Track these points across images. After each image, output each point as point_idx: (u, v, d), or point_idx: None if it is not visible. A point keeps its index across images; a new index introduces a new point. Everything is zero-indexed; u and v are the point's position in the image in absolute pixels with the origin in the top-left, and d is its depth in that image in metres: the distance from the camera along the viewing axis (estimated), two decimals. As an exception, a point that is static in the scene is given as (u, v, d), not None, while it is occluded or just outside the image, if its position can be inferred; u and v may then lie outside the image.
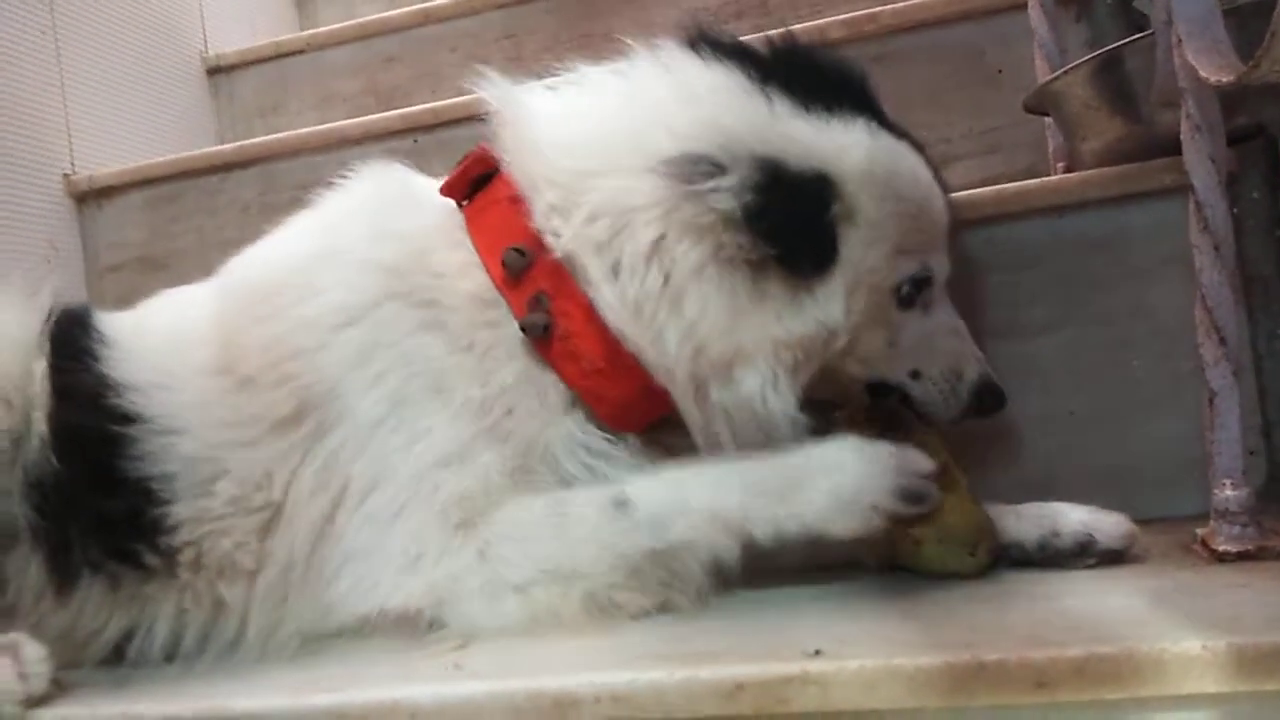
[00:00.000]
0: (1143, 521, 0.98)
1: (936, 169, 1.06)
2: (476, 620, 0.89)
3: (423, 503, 0.92)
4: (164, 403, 0.99)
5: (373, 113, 2.38)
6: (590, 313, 0.95)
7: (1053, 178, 1.28)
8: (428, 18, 2.42)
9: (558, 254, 0.95)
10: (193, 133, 2.46)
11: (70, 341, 1.04)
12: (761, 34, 1.11)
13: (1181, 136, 0.95)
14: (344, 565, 0.94)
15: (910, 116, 1.66)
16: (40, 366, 1.02)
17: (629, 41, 1.06)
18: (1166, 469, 1.13)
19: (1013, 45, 1.60)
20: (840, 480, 0.87)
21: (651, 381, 0.96)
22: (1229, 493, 0.92)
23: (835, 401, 1.05)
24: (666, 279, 0.93)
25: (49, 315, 1.07)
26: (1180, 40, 0.91)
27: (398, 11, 2.49)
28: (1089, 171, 1.19)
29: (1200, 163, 0.94)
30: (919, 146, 1.05)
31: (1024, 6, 1.54)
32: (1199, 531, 0.96)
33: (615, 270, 0.94)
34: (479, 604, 0.89)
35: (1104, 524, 0.94)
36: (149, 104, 2.33)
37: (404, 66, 2.45)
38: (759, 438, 0.95)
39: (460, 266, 0.98)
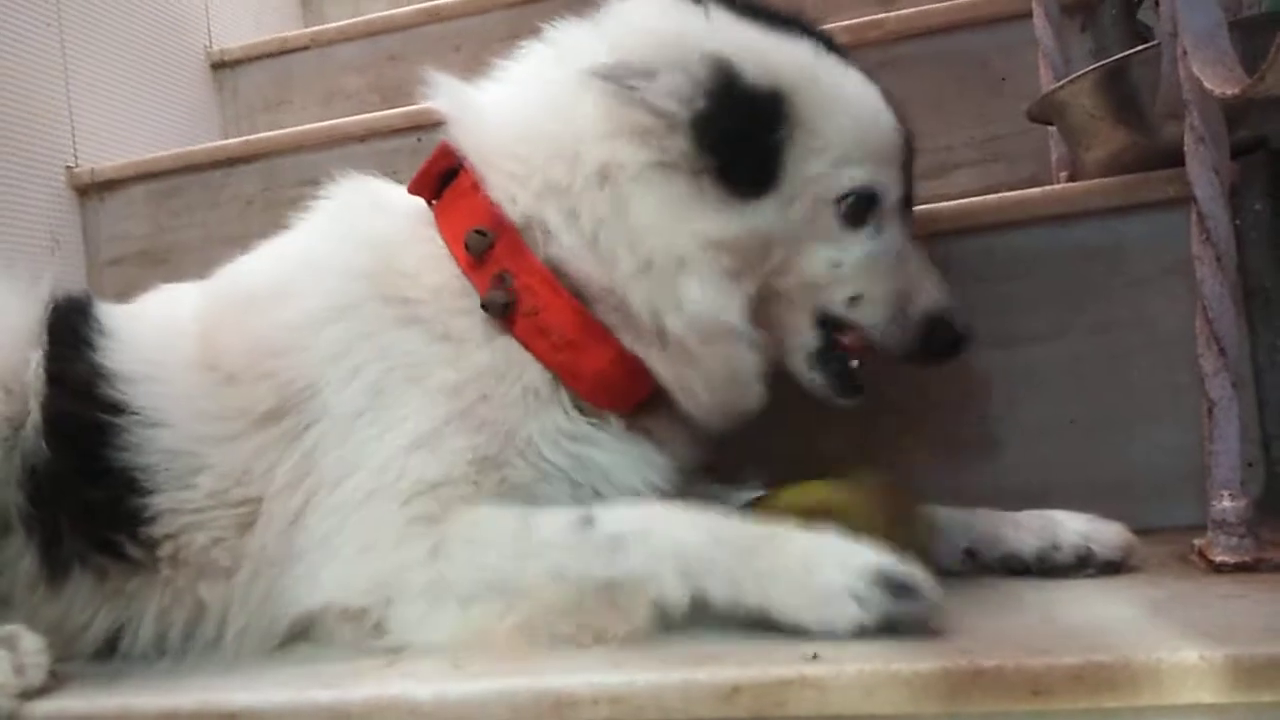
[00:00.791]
0: (1140, 531, 0.98)
1: (891, 98, 1.05)
2: (414, 627, 0.87)
3: (386, 491, 0.92)
4: (151, 394, 1.00)
5: (377, 110, 2.38)
6: (553, 283, 0.95)
7: (1055, 186, 1.28)
8: (433, 16, 2.42)
9: (517, 223, 0.96)
10: (196, 127, 2.46)
11: (69, 329, 1.05)
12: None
13: (1185, 148, 0.96)
14: (301, 557, 0.93)
15: (915, 123, 1.66)
16: (37, 355, 1.02)
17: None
18: (1164, 479, 1.14)
19: (1017, 53, 1.61)
20: (816, 557, 0.81)
21: (624, 349, 0.96)
22: (1227, 504, 0.93)
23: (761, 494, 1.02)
24: (615, 196, 0.94)
25: (49, 304, 1.07)
26: (1186, 52, 0.91)
27: (403, 9, 2.50)
28: (1091, 181, 1.19)
29: (1203, 174, 0.94)
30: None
31: (1028, 15, 1.55)
32: (1196, 542, 0.97)
33: (573, 212, 0.95)
34: (420, 607, 0.88)
35: (1103, 535, 0.94)
36: (153, 98, 2.33)
37: (409, 64, 2.45)
38: (727, 377, 0.96)
39: (429, 260, 0.99)
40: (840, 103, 0.97)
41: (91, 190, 2.02)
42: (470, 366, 0.95)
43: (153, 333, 1.04)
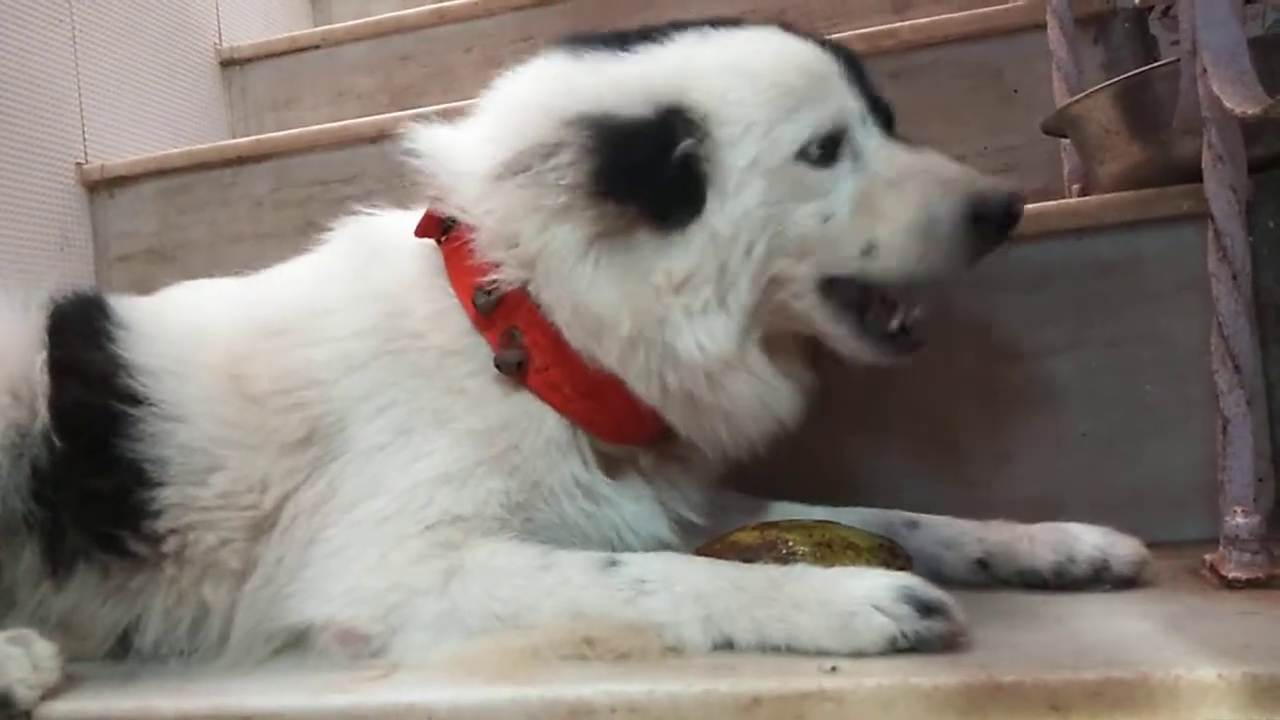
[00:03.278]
0: (1152, 544, 0.98)
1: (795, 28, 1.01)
2: (415, 651, 0.87)
3: (412, 514, 0.92)
4: (171, 389, 1.00)
5: (386, 110, 2.39)
6: (558, 340, 0.94)
7: (1071, 200, 1.29)
8: (443, 18, 2.43)
9: (516, 283, 0.95)
10: (205, 125, 2.46)
11: (79, 323, 1.06)
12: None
13: (1203, 165, 0.96)
14: (313, 565, 0.93)
15: (927, 132, 1.66)
16: (41, 355, 1.03)
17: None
18: (1175, 492, 1.14)
19: (1030, 65, 1.61)
20: (840, 584, 0.81)
21: (635, 397, 0.95)
22: (1240, 520, 0.93)
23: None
24: (572, 282, 0.92)
25: (51, 304, 1.08)
26: (1205, 71, 0.92)
27: (413, 10, 2.50)
28: (1107, 195, 1.20)
29: (1221, 192, 0.94)
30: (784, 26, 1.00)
31: (1042, 27, 1.55)
32: (1209, 557, 0.97)
33: (553, 294, 0.94)
34: (425, 636, 0.87)
35: (1119, 549, 0.95)
36: (162, 95, 2.33)
37: (418, 65, 2.46)
38: (747, 408, 0.94)
39: (437, 318, 0.98)
40: (737, 76, 0.93)
41: (101, 186, 2.02)
42: (495, 416, 0.95)
43: (175, 330, 1.05)
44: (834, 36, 1.71)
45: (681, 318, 0.91)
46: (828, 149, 0.93)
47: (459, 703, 0.77)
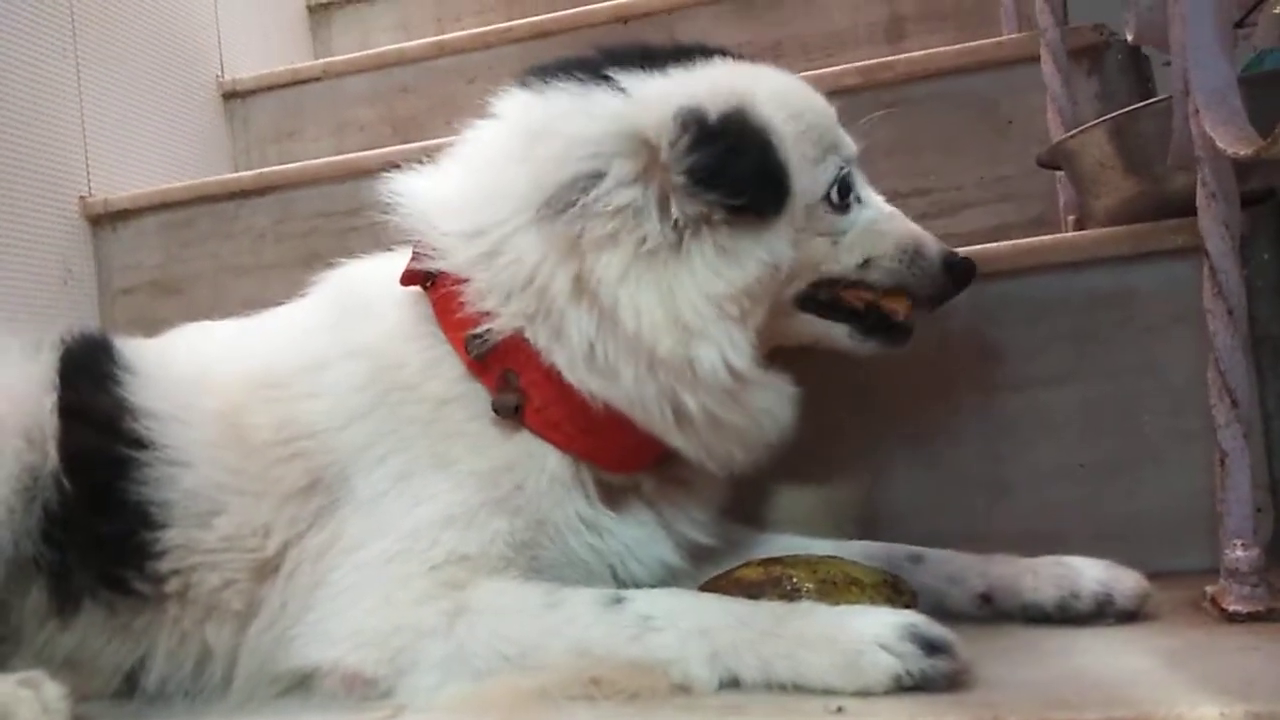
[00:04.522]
0: (1152, 575, 0.99)
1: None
2: (424, 694, 0.87)
3: (416, 555, 0.92)
4: (176, 435, 1.01)
5: (389, 141, 2.42)
6: (557, 380, 0.95)
7: (1066, 234, 1.30)
8: (443, 50, 2.45)
9: (506, 330, 0.96)
10: (207, 157, 2.48)
11: (88, 366, 1.07)
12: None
13: (1197, 203, 0.98)
14: (317, 608, 0.94)
15: (923, 162, 1.68)
16: (51, 398, 1.04)
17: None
18: (1173, 524, 1.15)
19: (1025, 96, 1.63)
20: (846, 622, 0.82)
21: (637, 427, 0.96)
22: (1239, 553, 0.94)
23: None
24: (599, 309, 0.93)
25: (61, 345, 1.09)
26: (1198, 111, 0.93)
27: (414, 43, 2.53)
28: (1102, 230, 1.21)
29: (1215, 229, 0.96)
30: None
31: (1036, 59, 1.58)
32: (1209, 589, 0.98)
33: (558, 332, 0.94)
34: (432, 678, 0.87)
35: (1122, 583, 0.96)
36: (165, 127, 2.35)
37: (420, 97, 2.48)
38: (757, 423, 0.97)
39: (429, 369, 0.99)
40: (786, 107, 0.98)
41: (105, 220, 2.04)
42: (497, 458, 0.96)
43: (179, 375, 1.06)
44: (831, 70, 1.76)
45: (715, 329, 0.92)
46: (843, 194, 1.02)
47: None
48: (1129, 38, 1.28)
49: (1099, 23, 1.68)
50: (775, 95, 0.99)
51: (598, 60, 1.01)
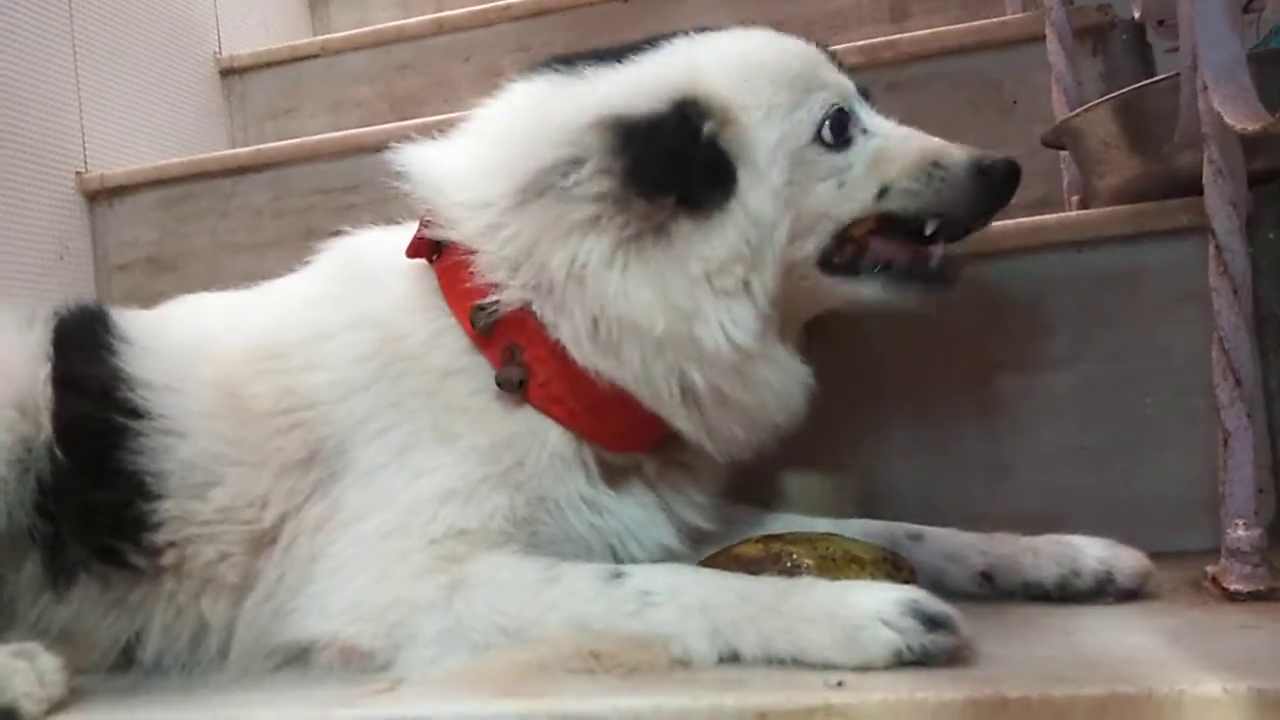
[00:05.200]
0: (1153, 555, 0.99)
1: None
2: (420, 667, 0.86)
3: (416, 529, 0.92)
4: (172, 405, 1.00)
5: (386, 119, 2.39)
6: (562, 355, 0.95)
7: (1071, 213, 1.30)
8: (441, 27, 2.43)
9: (516, 302, 0.95)
10: (205, 133, 2.46)
11: (82, 337, 1.06)
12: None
13: (1204, 180, 0.97)
14: (315, 581, 0.93)
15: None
16: (45, 369, 1.03)
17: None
18: (1175, 504, 1.15)
19: (1028, 76, 1.62)
20: (847, 597, 0.81)
21: (640, 406, 0.95)
22: (1241, 533, 0.94)
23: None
24: (598, 292, 0.92)
25: (54, 316, 1.09)
26: (1206, 87, 0.92)
27: (412, 20, 2.51)
28: (1107, 209, 1.20)
29: (1221, 207, 0.95)
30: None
31: (1040, 39, 1.57)
32: (1210, 569, 0.97)
33: (561, 308, 0.94)
34: (429, 651, 0.87)
35: (1123, 561, 0.95)
36: (162, 104, 2.33)
37: (418, 75, 2.46)
38: (755, 404, 0.95)
39: (434, 340, 0.98)
40: (747, 67, 0.97)
41: (101, 196, 2.03)
42: (499, 432, 0.95)
43: (176, 345, 1.05)
44: (832, 48, 1.75)
45: (710, 307, 0.91)
46: (839, 130, 0.97)
47: (464, 716, 0.77)
48: (1135, 14, 1.26)
49: (1103, 3, 1.67)
50: (728, 60, 0.97)
51: (587, 55, 1.01)
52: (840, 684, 0.73)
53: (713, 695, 0.74)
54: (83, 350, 1.04)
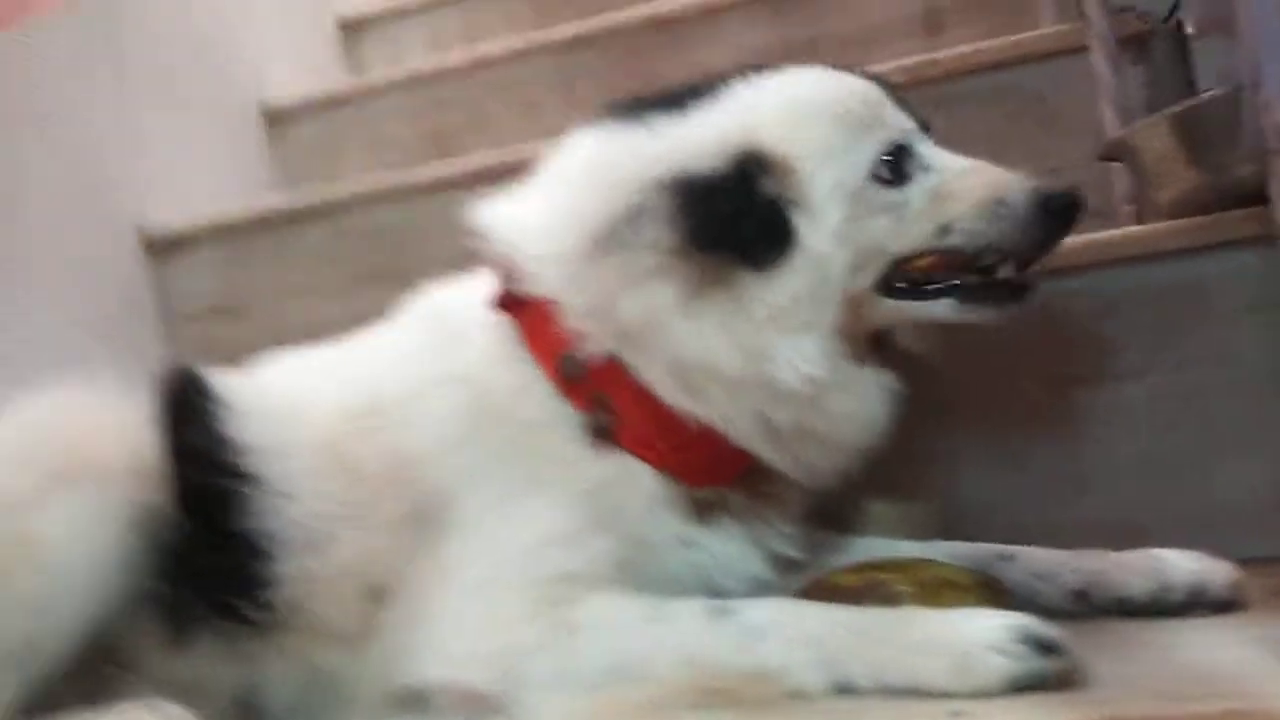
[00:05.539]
0: (1235, 561, 1.00)
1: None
2: (536, 709, 0.89)
3: (522, 575, 0.95)
4: (280, 468, 1.04)
5: (426, 156, 2.45)
6: (648, 398, 0.97)
7: (1133, 228, 1.32)
8: (479, 64, 2.48)
9: (600, 352, 0.98)
10: (250, 180, 2.52)
11: (186, 404, 1.10)
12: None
13: (1270, 194, 0.99)
14: (429, 628, 0.96)
15: (972, 158, 1.69)
16: (155, 437, 1.07)
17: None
18: (1252, 512, 1.16)
19: (1068, 87, 1.64)
20: (956, 626, 0.83)
21: (726, 441, 0.98)
22: (1326, 538, 0.96)
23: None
24: (673, 339, 0.95)
25: (158, 382, 1.12)
26: (1269, 105, 0.94)
27: (450, 57, 2.56)
28: (1172, 222, 1.22)
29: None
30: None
31: (1080, 50, 1.59)
32: (1296, 576, 0.99)
33: (644, 352, 0.97)
34: (543, 694, 0.89)
35: (1214, 573, 0.97)
36: (212, 152, 2.40)
37: (456, 111, 2.51)
38: (835, 432, 0.98)
39: (521, 393, 1.01)
40: (803, 112, 0.99)
41: (162, 247, 2.08)
42: (594, 478, 0.98)
43: (275, 409, 1.09)
44: (882, 67, 1.78)
45: (778, 348, 0.94)
46: (896, 168, 0.99)
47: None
48: (1189, 30, 1.28)
49: (1142, 11, 1.68)
50: (787, 106, 0.99)
51: (650, 101, 1.05)
52: (958, 713, 0.76)
53: (833, 724, 0.77)
54: (187, 416, 1.08)
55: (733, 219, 0.94)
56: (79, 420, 1.07)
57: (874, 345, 1.03)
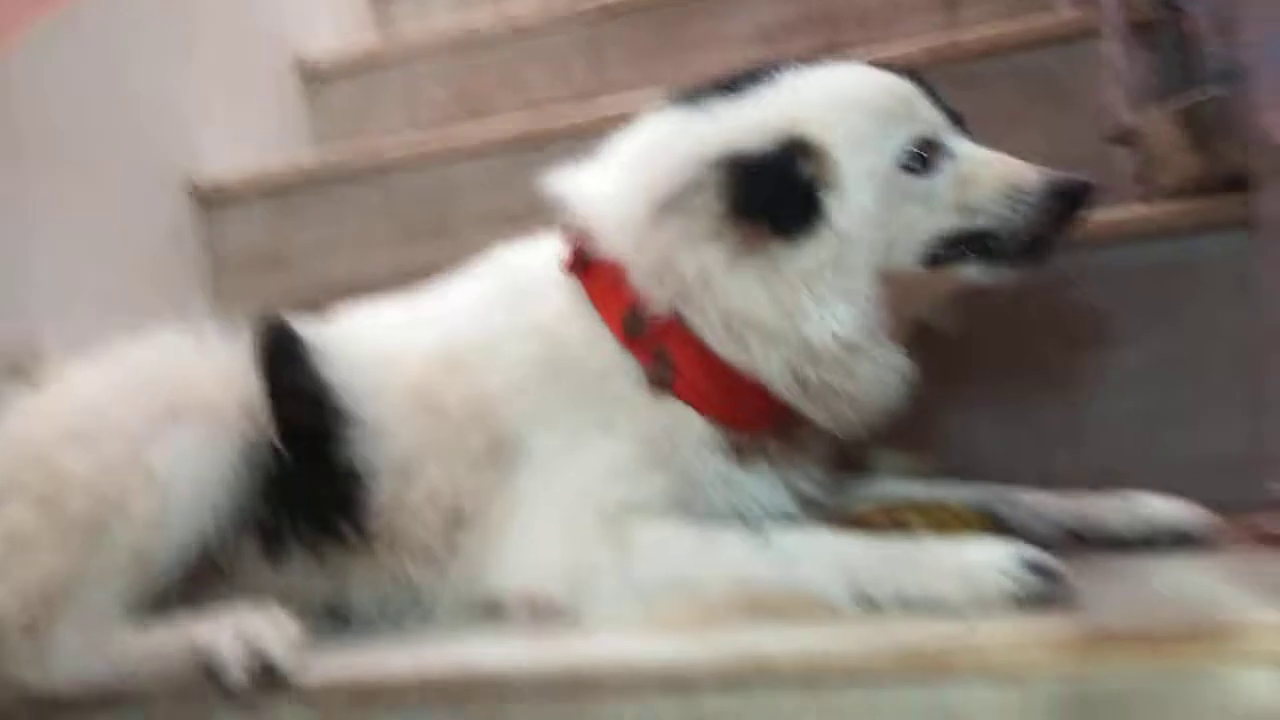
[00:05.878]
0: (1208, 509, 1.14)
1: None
2: (600, 617, 1.04)
3: (588, 502, 1.09)
4: (374, 409, 1.18)
5: (459, 119, 2.55)
6: (703, 351, 1.11)
7: (1139, 208, 1.43)
8: (511, 26, 2.57)
9: (663, 310, 1.11)
10: (289, 136, 2.62)
11: (283, 350, 1.22)
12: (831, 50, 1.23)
13: (1253, 184, 1.11)
14: (506, 547, 1.11)
15: (990, 136, 1.82)
16: (258, 378, 1.19)
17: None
18: (1225, 465, 1.29)
19: (1082, 70, 1.74)
20: (966, 552, 0.96)
21: (768, 392, 1.11)
22: (1284, 487, 1.09)
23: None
24: (723, 293, 1.08)
25: (256, 331, 1.24)
26: (1259, 106, 1.06)
27: (483, 19, 2.64)
28: (1171, 205, 1.35)
29: (1273, 204, 1.09)
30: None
31: (1094, 34, 1.69)
32: (1259, 520, 1.13)
33: (701, 310, 1.10)
34: (606, 603, 1.04)
35: (1190, 515, 1.12)
36: (255, 108, 2.50)
37: (491, 75, 2.60)
38: (871, 391, 1.10)
39: (591, 344, 1.14)
40: (843, 105, 1.11)
41: (213, 199, 2.19)
42: (653, 422, 1.11)
43: (366, 357, 1.22)
44: (904, 50, 1.88)
45: (811, 307, 1.07)
46: (924, 158, 1.10)
47: (658, 652, 0.93)
48: (1199, 26, 1.39)
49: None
50: (827, 98, 1.11)
51: (709, 87, 1.17)
52: (971, 626, 0.89)
53: (860, 633, 0.91)
54: (284, 361, 1.20)
55: (773, 194, 1.07)
56: (187, 361, 1.19)
57: (913, 329, 1.15)
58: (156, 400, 1.14)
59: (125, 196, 2.05)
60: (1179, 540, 1.11)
